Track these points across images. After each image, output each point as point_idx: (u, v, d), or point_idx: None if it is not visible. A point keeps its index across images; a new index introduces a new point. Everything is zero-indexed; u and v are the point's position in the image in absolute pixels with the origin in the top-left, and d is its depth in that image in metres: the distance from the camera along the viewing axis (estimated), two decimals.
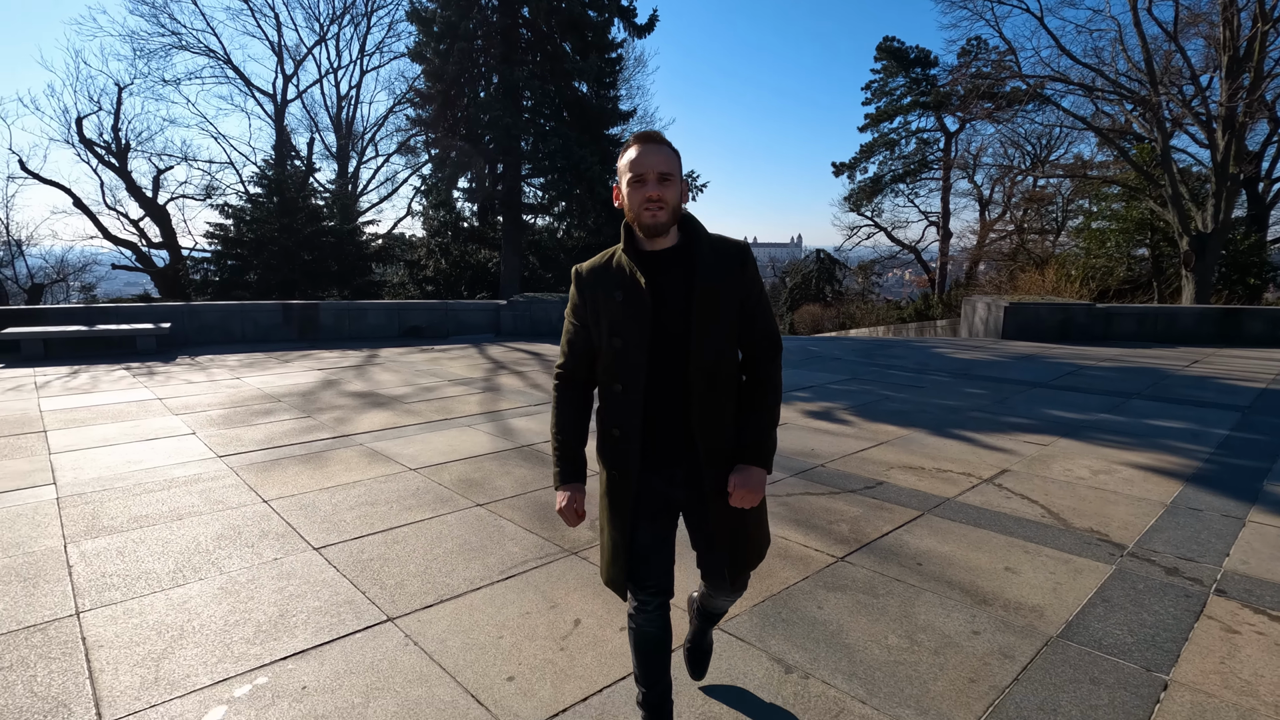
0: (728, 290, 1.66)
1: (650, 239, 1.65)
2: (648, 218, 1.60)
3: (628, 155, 1.63)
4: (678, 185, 1.63)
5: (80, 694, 2.22)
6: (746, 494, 1.68)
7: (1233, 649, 2.50)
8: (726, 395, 1.70)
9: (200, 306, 12.04)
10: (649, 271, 1.65)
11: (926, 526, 3.66)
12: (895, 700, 2.19)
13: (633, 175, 1.61)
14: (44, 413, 6.26)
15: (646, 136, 1.63)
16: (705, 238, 1.69)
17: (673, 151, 1.64)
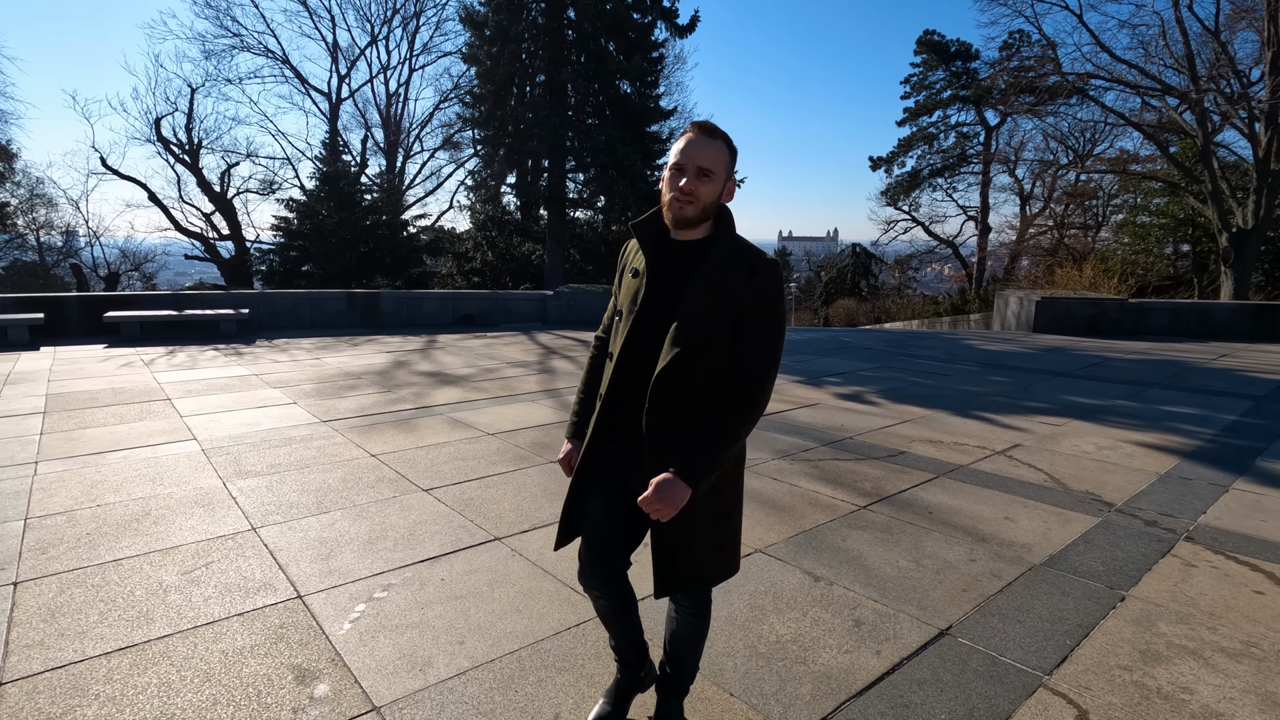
0: (722, 297, 1.56)
1: (675, 229, 1.63)
2: (675, 208, 1.58)
3: (679, 141, 1.60)
4: (718, 183, 1.59)
5: (277, 579, 2.95)
6: (656, 503, 1.53)
7: (1187, 577, 3.04)
8: (693, 403, 1.61)
9: (273, 294, 13.02)
10: (664, 258, 1.65)
11: (939, 486, 4.22)
12: (901, 601, 2.79)
13: (674, 162, 1.59)
14: (162, 385, 7.15)
15: (701, 127, 1.59)
16: (725, 241, 1.61)
17: (724, 147, 1.59)
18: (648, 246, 1.66)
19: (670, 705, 1.94)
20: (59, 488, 4.04)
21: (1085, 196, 30.61)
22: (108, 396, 6.51)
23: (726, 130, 1.62)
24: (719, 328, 1.57)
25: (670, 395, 1.59)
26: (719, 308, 1.56)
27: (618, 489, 1.75)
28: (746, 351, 1.60)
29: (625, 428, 1.69)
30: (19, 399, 6.38)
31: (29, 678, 2.24)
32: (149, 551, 3.20)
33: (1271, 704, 2.15)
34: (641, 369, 1.64)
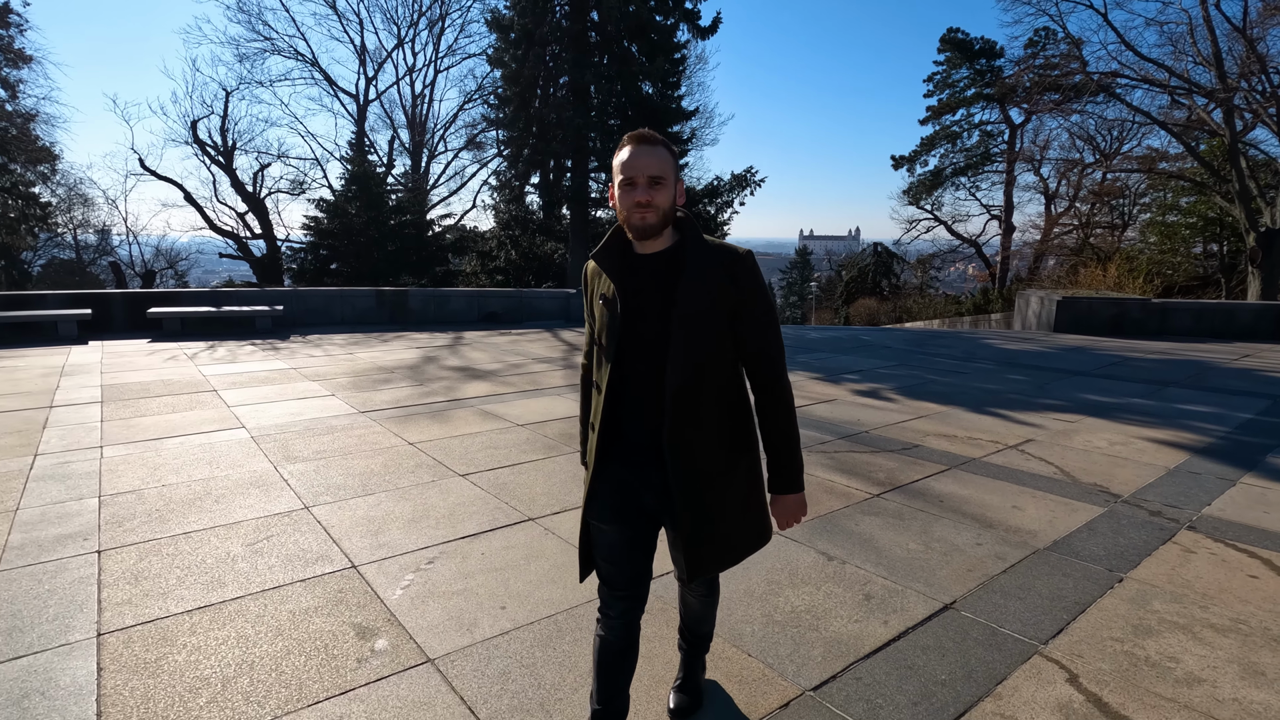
0: (712, 299, 1.59)
1: (640, 240, 1.61)
2: (636, 220, 1.56)
3: (620, 156, 1.58)
4: (670, 188, 1.58)
5: (332, 551, 3.22)
6: (790, 523, 1.76)
7: (1185, 562, 3.20)
8: (708, 410, 1.63)
9: (306, 291, 13.44)
10: (635, 275, 1.63)
11: (951, 477, 4.40)
12: (909, 578, 2.99)
13: (623, 178, 1.56)
14: (208, 377, 7.51)
15: (639, 137, 1.58)
16: (698, 243, 1.62)
17: (667, 152, 1.59)
18: (614, 271, 1.63)
19: (694, 663, 2.13)
20: (125, 469, 4.37)
21: (1112, 195, 30.23)
22: (159, 388, 6.88)
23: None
24: (719, 336, 1.61)
25: (688, 411, 1.60)
26: (714, 317, 1.59)
27: (634, 508, 1.71)
28: (758, 349, 1.66)
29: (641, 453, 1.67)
30: (77, 390, 6.77)
31: (124, 630, 2.53)
32: (214, 526, 3.49)
33: (1253, 673, 2.32)
34: (640, 389, 1.62)
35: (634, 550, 1.73)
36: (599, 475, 1.71)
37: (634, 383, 1.63)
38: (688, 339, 1.57)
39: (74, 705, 2.10)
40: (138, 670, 2.28)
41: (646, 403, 1.62)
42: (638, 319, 1.60)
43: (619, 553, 1.73)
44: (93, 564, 3.06)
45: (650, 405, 1.62)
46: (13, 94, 21.64)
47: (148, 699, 2.13)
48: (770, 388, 1.69)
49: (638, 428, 1.65)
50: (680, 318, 1.56)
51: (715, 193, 18.78)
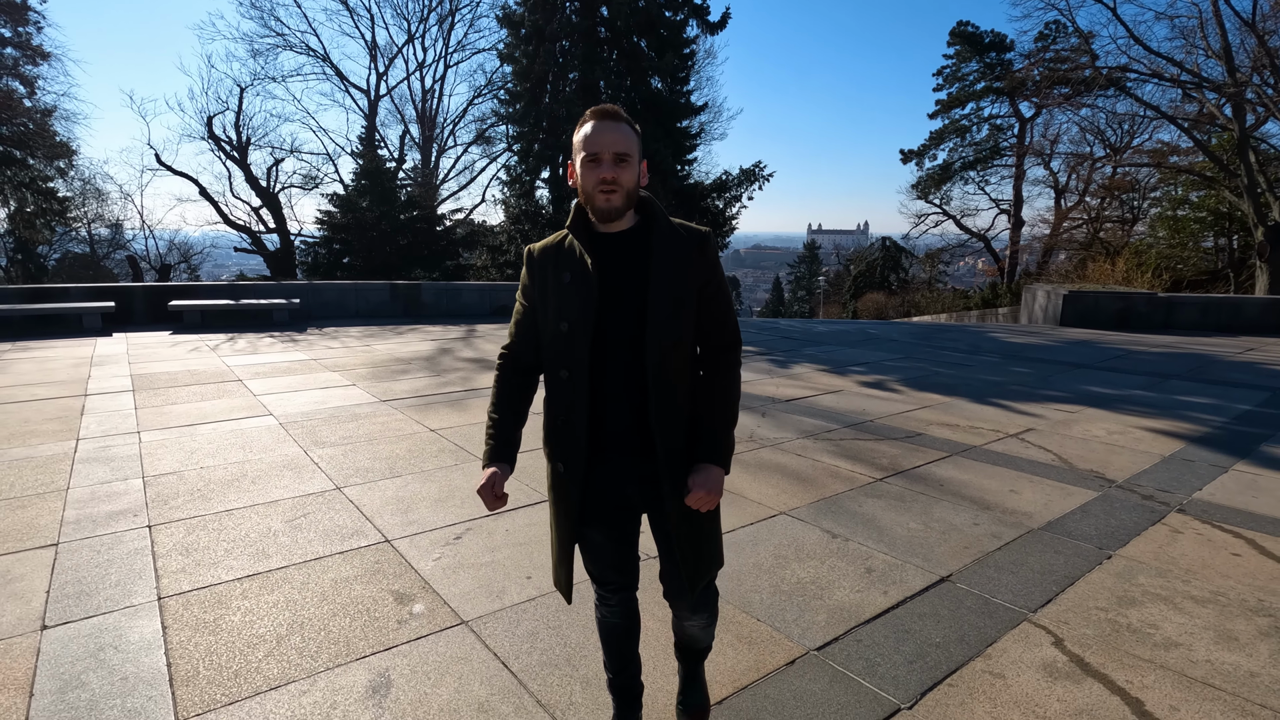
0: (685, 277, 1.57)
1: (604, 222, 1.57)
2: (601, 200, 1.51)
3: (582, 131, 1.52)
4: (635, 167, 1.54)
5: (366, 527, 3.43)
6: (704, 496, 1.58)
7: (1172, 541, 3.37)
8: (682, 389, 1.62)
9: (322, 285, 13.69)
10: (600, 255, 1.57)
11: (952, 463, 4.57)
12: (908, 554, 3.17)
13: (587, 154, 1.51)
14: (231, 368, 7.75)
15: (604, 112, 1.52)
16: (664, 222, 1.60)
17: (631, 130, 1.54)
18: (586, 246, 1.58)
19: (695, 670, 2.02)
20: (163, 453, 4.60)
21: (1122, 190, 30.13)
22: (186, 378, 7.12)
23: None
24: (689, 314, 1.60)
25: (670, 396, 1.58)
26: (685, 294, 1.58)
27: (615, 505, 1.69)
28: (715, 320, 1.64)
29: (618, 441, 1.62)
30: (108, 379, 7.02)
31: (181, 594, 2.75)
32: (254, 504, 3.71)
33: (1227, 638, 2.50)
34: (617, 373, 1.58)
35: (622, 546, 1.74)
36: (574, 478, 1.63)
37: (611, 367, 1.57)
38: (666, 318, 1.54)
39: (145, 657, 2.32)
40: (198, 629, 2.50)
41: (625, 387, 1.58)
42: (609, 300, 1.55)
43: (608, 554, 1.73)
44: (145, 537, 3.28)
45: (629, 390, 1.57)
46: (31, 90, 21.99)
47: (211, 652, 2.35)
48: (728, 354, 1.67)
49: (619, 414, 1.60)
50: (656, 298, 1.53)
51: (723, 187, 18.92)
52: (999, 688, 2.20)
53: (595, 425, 1.61)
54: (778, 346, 10.30)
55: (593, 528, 1.70)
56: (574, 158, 1.56)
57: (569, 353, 1.58)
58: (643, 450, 1.61)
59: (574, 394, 1.58)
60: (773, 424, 5.53)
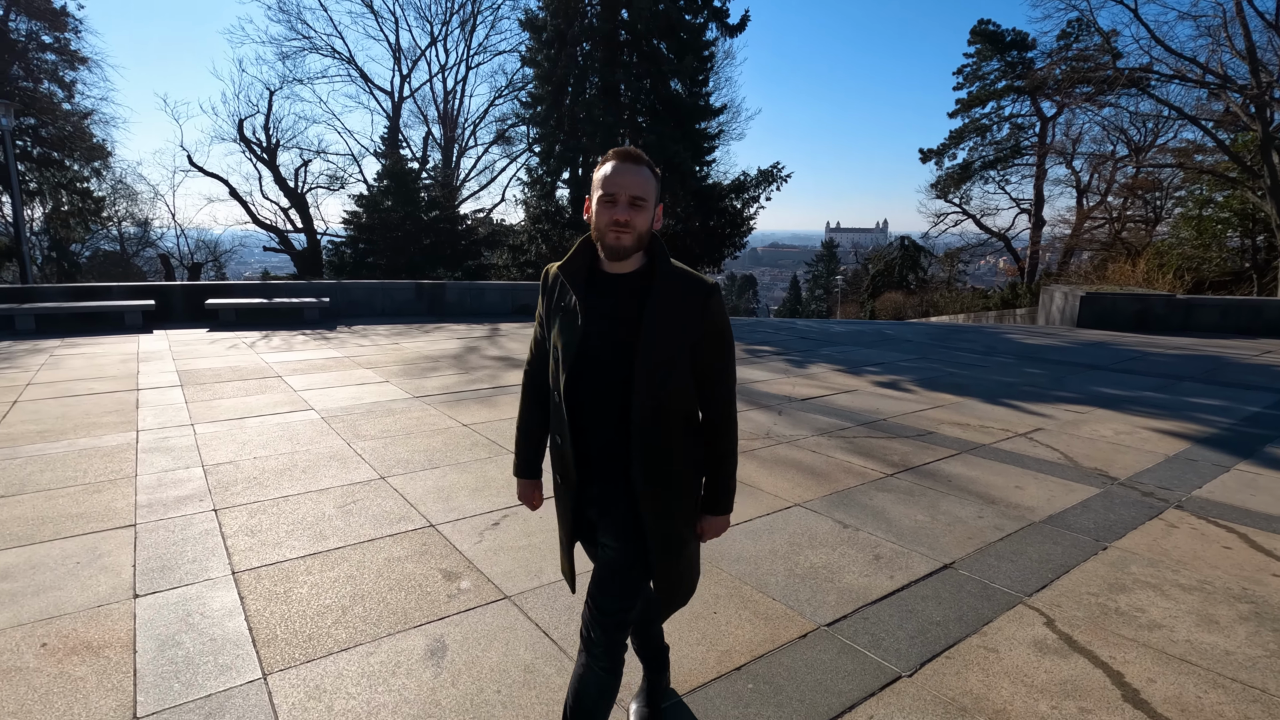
0: (678, 328, 1.59)
1: (611, 260, 1.59)
2: (611, 239, 1.54)
3: (603, 170, 1.56)
4: (650, 211, 1.57)
5: (411, 513, 3.72)
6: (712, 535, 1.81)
7: (1167, 534, 3.56)
8: (672, 433, 1.64)
9: (350, 284, 14.10)
10: (600, 293, 1.61)
11: (960, 460, 4.78)
12: (915, 544, 3.40)
13: (604, 193, 1.54)
14: (270, 364, 8.12)
15: (626, 154, 1.56)
16: (669, 270, 1.61)
17: (651, 174, 1.58)
18: (578, 285, 1.62)
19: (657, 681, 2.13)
20: (218, 444, 4.93)
21: (1146, 189, 29.85)
22: (229, 374, 7.49)
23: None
24: (681, 362, 1.61)
25: (652, 438, 1.61)
26: (680, 341, 1.59)
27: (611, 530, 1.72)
28: (711, 372, 1.67)
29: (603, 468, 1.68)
30: (157, 374, 7.41)
31: (252, 570, 3.05)
32: (306, 491, 4.02)
33: (1208, 621, 2.71)
34: (599, 411, 1.63)
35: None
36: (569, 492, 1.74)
37: (594, 402, 1.62)
38: (654, 361, 1.56)
39: (228, 622, 2.62)
40: (271, 599, 2.80)
41: (608, 422, 1.62)
42: (597, 338, 1.59)
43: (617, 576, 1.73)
44: (212, 520, 3.60)
45: (605, 423, 1.63)
46: (70, 94, 22.71)
47: (286, 619, 2.65)
48: (720, 417, 1.71)
49: (602, 446, 1.66)
50: (646, 343, 1.56)
51: (741, 188, 19.10)
52: (992, 660, 2.43)
53: (580, 453, 1.68)
54: (794, 346, 10.51)
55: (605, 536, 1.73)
56: (592, 193, 1.59)
57: (556, 379, 1.66)
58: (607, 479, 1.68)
59: (559, 419, 1.67)
60: (789, 422, 5.77)
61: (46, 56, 21.98)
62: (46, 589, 2.86)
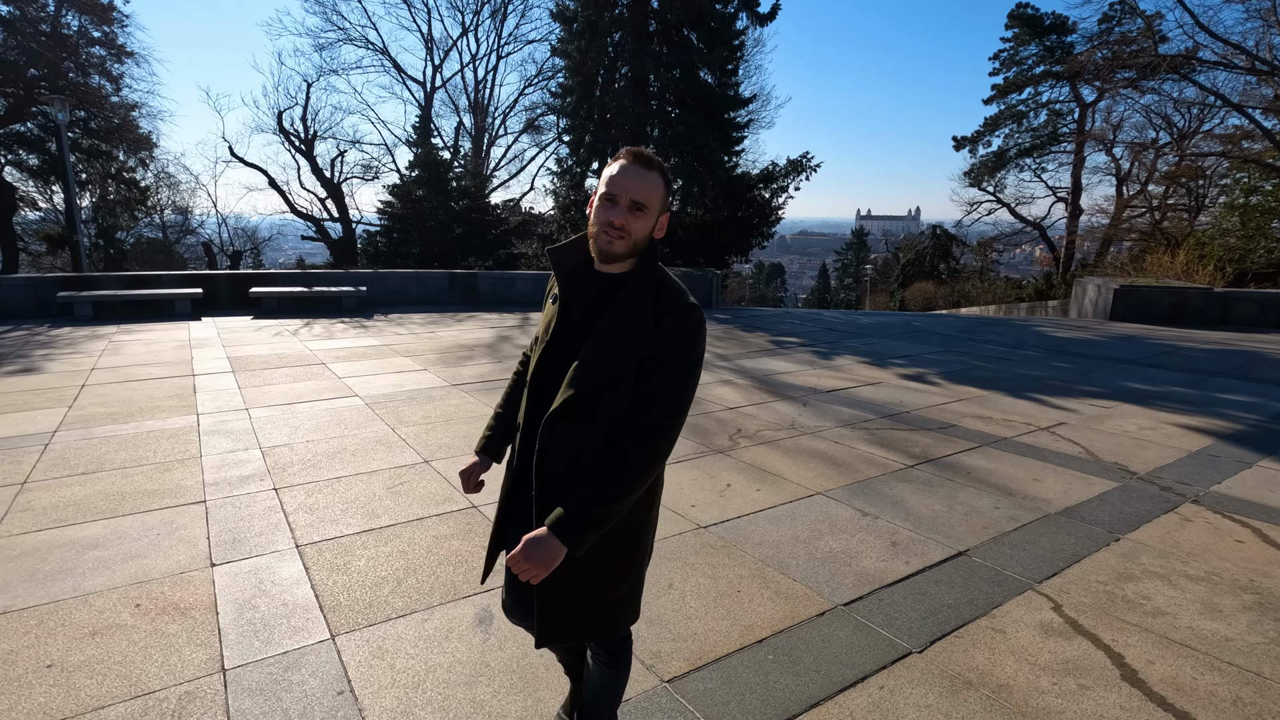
0: (629, 339, 1.46)
1: (601, 262, 1.53)
2: (603, 242, 1.48)
3: (611, 168, 1.48)
4: (651, 218, 1.48)
5: (455, 495, 3.98)
6: (523, 563, 1.40)
7: (1180, 527, 3.67)
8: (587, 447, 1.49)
9: (385, 274, 14.49)
10: (588, 290, 1.55)
11: (981, 453, 4.90)
12: (931, 532, 3.56)
13: (606, 192, 1.47)
14: (314, 352, 8.48)
15: (638, 155, 1.47)
16: (644, 276, 1.51)
17: (660, 179, 1.49)
18: (564, 276, 1.56)
19: None
20: (271, 428, 5.26)
21: (1189, 177, 29.00)
22: (276, 360, 7.87)
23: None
24: (620, 371, 1.46)
25: (560, 440, 1.49)
26: (623, 350, 1.46)
27: None
28: (648, 396, 1.48)
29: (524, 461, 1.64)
30: (209, 360, 7.81)
31: (314, 544, 3.34)
32: (357, 473, 4.31)
33: (1211, 610, 2.84)
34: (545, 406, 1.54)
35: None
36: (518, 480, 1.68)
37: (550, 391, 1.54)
38: (593, 362, 1.46)
39: (297, 589, 2.90)
40: (333, 570, 3.07)
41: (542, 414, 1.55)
42: (571, 333, 1.54)
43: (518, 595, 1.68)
44: (274, 498, 3.90)
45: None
46: (117, 87, 23.47)
47: (348, 588, 2.92)
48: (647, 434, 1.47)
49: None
50: (588, 348, 1.47)
51: (770, 178, 19.08)
52: (998, 640, 2.60)
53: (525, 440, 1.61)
54: (821, 338, 10.60)
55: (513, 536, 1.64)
56: (596, 189, 1.53)
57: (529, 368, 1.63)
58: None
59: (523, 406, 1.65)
60: (813, 413, 5.92)
61: (95, 51, 22.74)
62: (133, 557, 3.17)
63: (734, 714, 2.18)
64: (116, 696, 2.23)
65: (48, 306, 11.66)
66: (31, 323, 10.92)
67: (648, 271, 1.52)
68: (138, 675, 2.34)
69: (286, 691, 2.26)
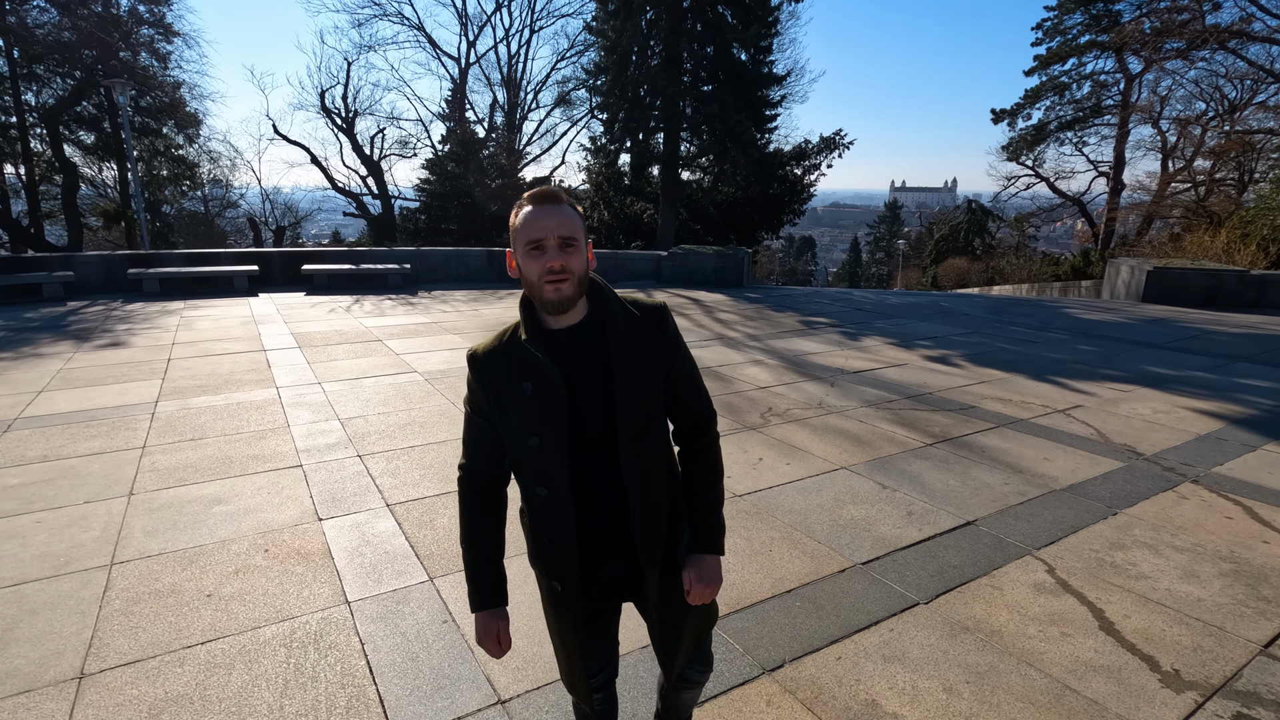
0: (649, 363, 1.48)
1: (554, 315, 1.43)
2: (550, 292, 1.38)
3: (520, 217, 1.40)
4: (582, 251, 1.42)
5: None
6: (705, 590, 1.53)
7: (1176, 504, 4.02)
8: (659, 479, 1.53)
9: (427, 251, 15.06)
10: (558, 354, 1.44)
11: (996, 434, 5.26)
12: (943, 503, 3.97)
13: (528, 242, 1.38)
14: (369, 329, 9.07)
15: (542, 195, 1.41)
16: (616, 306, 1.48)
17: (574, 211, 1.43)
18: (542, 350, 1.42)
19: None
20: (344, 401, 5.82)
21: (1238, 151, 28.15)
22: (336, 337, 8.46)
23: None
24: (658, 400, 1.52)
25: (652, 493, 1.51)
26: (653, 381, 1.49)
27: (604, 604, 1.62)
28: (689, 401, 1.58)
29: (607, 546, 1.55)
30: (275, 337, 8.43)
31: (401, 503, 3.87)
32: (428, 443, 4.84)
33: (1190, 575, 3.21)
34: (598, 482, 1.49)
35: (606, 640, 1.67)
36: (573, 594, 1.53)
37: (588, 474, 1.48)
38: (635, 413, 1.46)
39: (393, 540, 3.43)
40: (420, 525, 3.60)
41: (605, 490, 1.50)
42: (578, 404, 1.44)
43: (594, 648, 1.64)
44: (359, 464, 4.45)
45: (609, 492, 1.49)
46: (165, 65, 24.25)
47: (435, 540, 3.44)
48: (702, 439, 1.59)
49: (601, 519, 1.52)
50: (623, 393, 1.44)
51: (802, 155, 19.15)
52: (995, 596, 3.02)
53: (584, 539, 1.52)
54: (849, 319, 10.90)
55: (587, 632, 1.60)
56: (513, 245, 1.44)
57: (544, 469, 1.46)
58: (629, 546, 1.55)
59: (556, 513, 1.48)
60: (840, 393, 6.31)
61: (145, 31, 23.48)
62: (252, 511, 3.74)
63: (766, 646, 2.65)
64: (267, 619, 2.78)
65: (118, 283, 12.45)
66: (106, 297, 11.71)
67: (614, 300, 1.50)
68: (279, 604, 2.88)
69: (401, 619, 2.78)
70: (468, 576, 1.62)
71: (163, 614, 2.81)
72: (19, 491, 3.98)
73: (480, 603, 1.60)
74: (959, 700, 2.37)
